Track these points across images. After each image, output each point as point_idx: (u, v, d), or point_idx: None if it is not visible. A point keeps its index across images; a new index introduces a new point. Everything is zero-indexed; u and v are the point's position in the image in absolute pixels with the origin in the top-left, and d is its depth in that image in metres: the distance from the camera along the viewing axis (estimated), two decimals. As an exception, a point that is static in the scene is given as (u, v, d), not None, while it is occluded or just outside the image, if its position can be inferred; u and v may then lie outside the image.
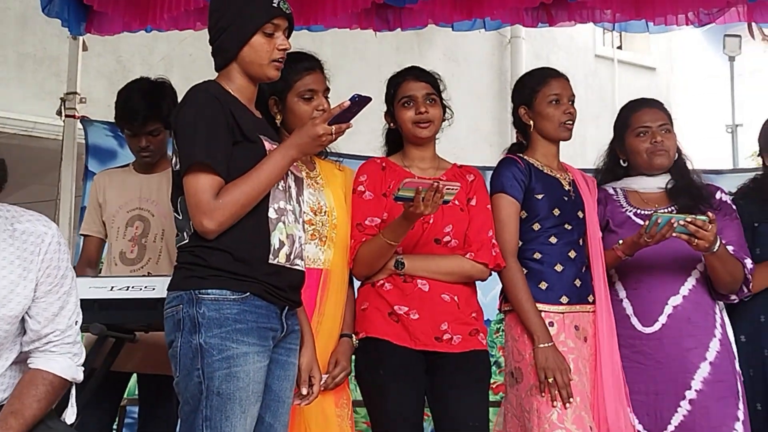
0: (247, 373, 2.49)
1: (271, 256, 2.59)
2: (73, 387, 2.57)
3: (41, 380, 2.45)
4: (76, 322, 2.55)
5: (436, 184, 2.91)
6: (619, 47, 9.10)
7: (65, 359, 2.50)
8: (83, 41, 4.97)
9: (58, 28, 5.53)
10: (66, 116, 4.94)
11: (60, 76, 6.07)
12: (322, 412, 3.03)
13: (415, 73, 3.28)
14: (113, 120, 5.09)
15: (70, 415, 2.57)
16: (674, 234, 3.18)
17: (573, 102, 3.44)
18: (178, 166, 2.60)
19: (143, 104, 3.71)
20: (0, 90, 5.95)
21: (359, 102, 2.55)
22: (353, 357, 3.16)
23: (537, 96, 3.40)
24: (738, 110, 8.85)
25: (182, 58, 6.65)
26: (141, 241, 3.76)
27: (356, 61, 6.88)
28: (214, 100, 2.59)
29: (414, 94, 3.22)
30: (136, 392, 4.07)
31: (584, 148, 5.25)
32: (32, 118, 5.97)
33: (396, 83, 3.27)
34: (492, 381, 3.53)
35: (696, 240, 3.17)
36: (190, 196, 2.52)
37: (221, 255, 2.53)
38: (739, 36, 8.36)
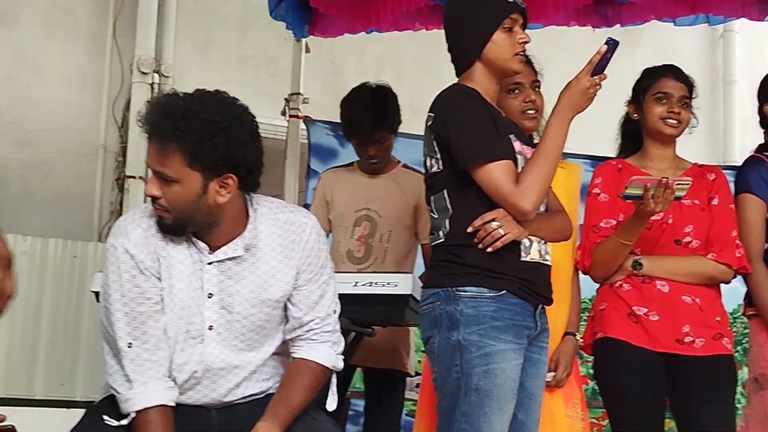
0: (504, 370, 2.52)
1: (522, 254, 2.61)
2: (334, 375, 2.65)
3: (306, 369, 2.54)
4: (335, 311, 2.62)
5: (664, 179, 2.86)
6: (842, 39, 8.64)
7: (326, 347, 2.58)
8: (306, 43, 5.15)
9: (276, 31, 5.73)
10: (290, 116, 5.13)
11: (278, 78, 6.29)
12: (549, 412, 3.02)
13: (675, 72, 3.23)
14: (332, 120, 5.28)
15: (330, 403, 2.65)
16: None
17: None
18: (435, 168, 2.65)
19: (368, 115, 3.78)
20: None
21: (612, 46, 2.58)
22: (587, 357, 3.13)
23: None
24: None
25: (394, 58, 6.75)
26: (368, 240, 3.85)
27: (563, 59, 6.79)
28: (474, 98, 2.63)
29: (670, 92, 3.17)
30: (356, 385, 4.18)
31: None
32: (252, 115, 6.10)
33: (653, 76, 3.22)
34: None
35: None
36: (492, 192, 2.56)
37: (477, 252, 2.56)
38: None
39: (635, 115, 3.25)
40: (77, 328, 5.55)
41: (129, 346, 2.44)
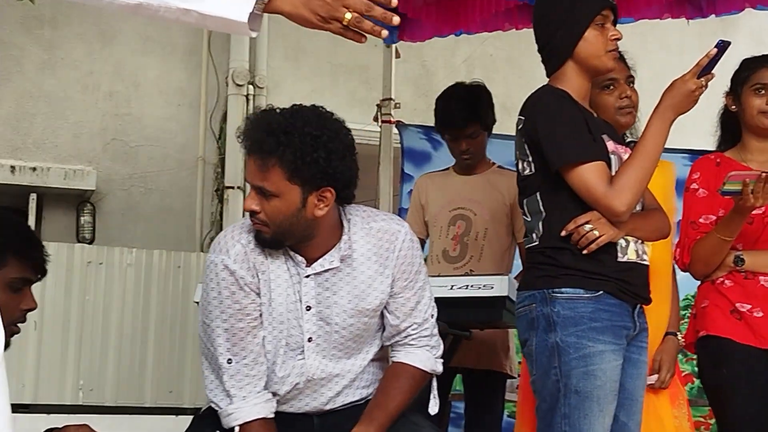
0: (604, 371, 2.50)
1: (619, 254, 2.59)
2: (434, 379, 2.66)
3: (403, 373, 2.56)
4: (432, 315, 2.63)
5: (764, 174, 2.80)
6: None
7: (424, 352, 2.60)
8: (396, 48, 5.18)
9: (367, 38, 5.76)
10: (382, 122, 5.17)
11: (370, 84, 6.35)
12: (655, 413, 2.98)
13: None
14: (424, 123, 5.30)
15: (432, 407, 2.66)
16: None
17: None
18: (527, 171, 2.65)
19: (461, 108, 3.80)
20: (316, 99, 6.25)
21: (722, 48, 2.52)
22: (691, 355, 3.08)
23: None
24: None
25: (483, 58, 6.74)
26: (463, 239, 3.85)
27: (658, 50, 6.68)
28: (565, 100, 2.62)
29: None
30: (457, 387, 4.18)
31: None
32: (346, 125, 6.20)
33: (753, 67, 3.15)
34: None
35: None
36: (584, 194, 2.54)
37: (572, 254, 2.55)
38: None
39: (733, 107, 3.19)
40: (183, 336, 5.68)
41: (229, 362, 2.49)
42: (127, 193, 6.18)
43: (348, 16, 1.77)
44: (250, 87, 6.27)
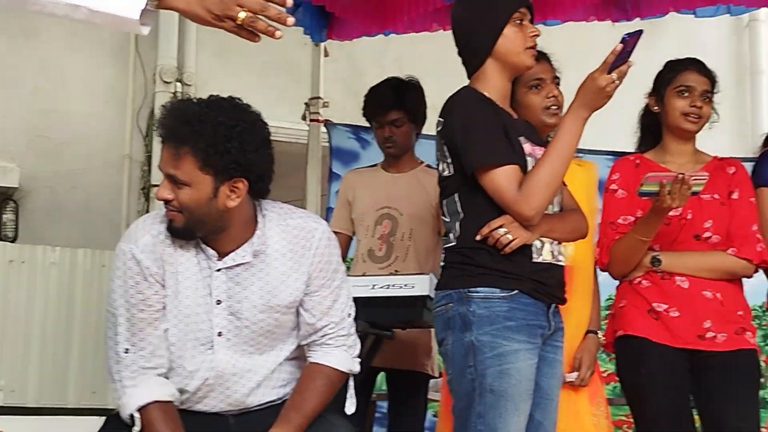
0: (519, 370, 2.51)
1: (534, 255, 2.60)
2: (351, 379, 2.65)
3: (320, 373, 2.54)
4: (349, 314, 2.63)
5: (680, 175, 2.83)
6: None
7: (341, 352, 2.58)
8: (324, 47, 5.16)
9: (296, 36, 5.72)
10: (311, 120, 5.14)
11: (299, 83, 6.30)
12: (574, 410, 3.01)
13: (699, 65, 3.19)
14: (353, 123, 5.29)
15: (349, 407, 2.65)
16: None
17: None
18: (447, 172, 2.65)
19: (388, 94, 3.85)
20: (244, 97, 6.22)
21: (631, 40, 2.50)
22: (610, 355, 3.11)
23: None
24: None
25: (414, 58, 6.73)
26: (389, 239, 3.84)
27: (586, 54, 6.74)
28: (481, 102, 2.63)
29: (693, 85, 3.13)
30: (382, 387, 4.18)
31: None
32: (274, 123, 6.19)
33: (676, 69, 3.18)
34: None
35: None
36: (496, 198, 2.55)
37: (488, 254, 2.56)
38: None
39: (656, 108, 3.22)
40: (108, 336, 5.59)
41: (126, 352, 2.47)
42: (51, 190, 6.07)
43: (242, 15, 1.76)
44: (178, 84, 6.21)
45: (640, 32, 2.50)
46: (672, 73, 3.19)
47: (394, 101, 3.82)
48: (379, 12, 4.76)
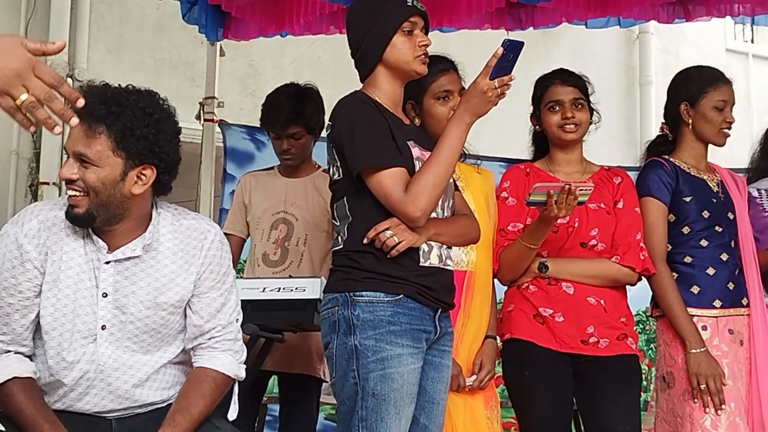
0: (402, 374, 2.52)
1: (421, 259, 2.61)
2: (236, 384, 2.63)
3: (205, 378, 2.51)
4: (237, 319, 2.61)
5: (567, 186, 2.89)
6: (752, 41, 8.84)
7: (227, 356, 2.56)
8: (220, 46, 5.11)
9: (192, 34, 5.67)
10: (205, 120, 5.09)
11: (194, 81, 6.24)
12: (471, 414, 3.03)
13: (563, 76, 3.24)
14: (248, 123, 5.25)
15: (232, 412, 2.63)
16: None
17: (732, 109, 3.35)
18: (336, 176, 2.66)
19: (287, 108, 3.79)
20: (138, 95, 6.11)
21: (512, 48, 2.50)
22: (499, 359, 3.16)
23: (704, 97, 3.32)
24: None
25: (312, 60, 6.74)
26: (284, 244, 3.83)
27: (482, 60, 6.82)
28: (368, 105, 2.64)
29: (561, 98, 3.19)
30: (274, 390, 4.16)
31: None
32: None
33: (544, 86, 3.25)
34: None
35: None
36: (382, 200, 2.56)
37: (374, 258, 2.57)
38: None
39: (537, 127, 3.29)
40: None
41: None
42: (-65, 186, 5.88)
43: (23, 97, 1.67)
44: (69, 80, 6.05)
45: (521, 44, 2.52)
46: (540, 90, 3.26)
47: (292, 115, 3.78)
48: (276, 13, 4.74)
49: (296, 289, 3.13)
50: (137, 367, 2.49)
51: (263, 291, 3.12)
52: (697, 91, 3.33)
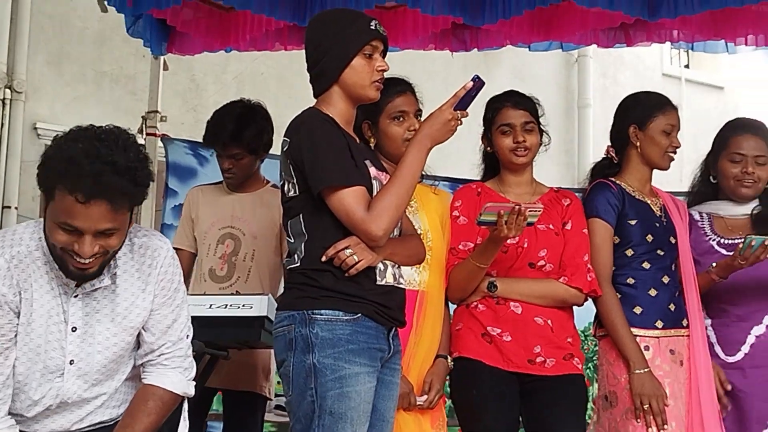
0: (359, 393, 2.52)
1: (378, 278, 2.63)
2: (185, 401, 2.61)
3: (151, 395, 2.49)
4: (187, 336, 2.60)
5: (517, 207, 2.92)
6: (687, 66, 9.05)
7: (176, 374, 2.54)
8: (164, 61, 5.07)
9: (134, 48, 5.62)
10: (147, 134, 5.03)
11: (136, 95, 6.19)
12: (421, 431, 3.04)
13: (514, 99, 3.26)
14: (189, 138, 5.21)
15: (182, 428, 2.61)
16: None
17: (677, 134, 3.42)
18: (292, 192, 2.65)
19: (229, 128, 3.77)
20: (78, 108, 6.07)
21: (477, 86, 2.60)
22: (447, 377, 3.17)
23: (653, 120, 3.38)
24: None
25: (254, 76, 6.72)
26: (231, 259, 3.81)
27: (424, 80, 6.88)
28: (328, 123, 2.64)
29: (512, 122, 3.22)
30: (214, 407, 4.12)
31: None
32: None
33: (495, 108, 3.27)
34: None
35: None
36: (344, 218, 2.56)
37: (333, 276, 2.57)
38: (812, 56, 8.28)
39: (488, 148, 3.31)
40: None
41: None
42: None
43: None
44: (8, 91, 5.97)
45: (483, 83, 2.61)
46: (491, 112, 3.28)
47: (233, 137, 3.75)
48: (222, 29, 4.72)
49: (243, 306, 3.11)
50: (98, 396, 2.47)
51: (210, 308, 3.10)
52: (646, 114, 3.39)
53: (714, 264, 3.32)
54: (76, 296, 2.41)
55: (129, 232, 2.48)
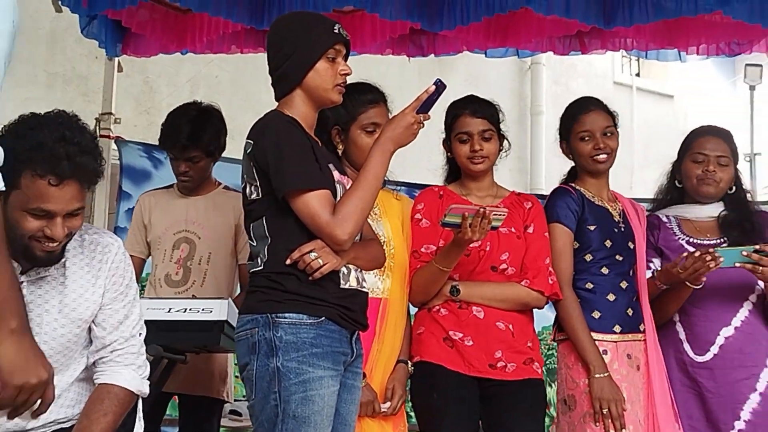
0: (322, 396, 2.51)
1: (342, 281, 2.62)
2: (140, 401, 2.60)
3: (106, 394, 2.48)
4: (140, 333, 2.60)
5: (482, 210, 2.93)
6: (638, 74, 9.17)
7: (129, 371, 2.53)
8: (118, 62, 5.01)
9: (87, 48, 5.55)
10: (101, 136, 4.97)
11: (88, 96, 6.12)
12: None
13: (472, 107, 3.26)
14: (142, 140, 5.16)
15: (138, 429, 2.59)
16: (738, 264, 3.21)
17: (609, 132, 3.42)
18: (254, 195, 2.63)
19: (186, 131, 3.74)
20: (30, 109, 5.94)
21: (438, 90, 2.61)
22: (408, 381, 3.17)
23: (571, 133, 3.44)
24: (756, 139, 8.89)
25: (208, 79, 6.68)
26: (186, 263, 3.77)
27: (379, 85, 6.90)
28: (293, 126, 2.63)
29: (470, 130, 3.22)
30: (168, 412, 4.08)
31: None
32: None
33: (454, 115, 3.27)
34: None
35: (761, 268, 3.19)
36: (309, 221, 2.55)
37: (297, 280, 2.56)
38: (761, 65, 8.43)
39: (449, 154, 3.32)
40: None
41: None
42: None
43: None
44: (-45, 92, 5.86)
45: (445, 87, 2.62)
46: (450, 118, 3.29)
47: (191, 140, 3.73)
48: (178, 31, 4.69)
49: (203, 310, 3.08)
50: None
51: (169, 311, 3.07)
52: (565, 128, 3.48)
53: (655, 271, 3.39)
54: (21, 283, 2.37)
55: (80, 229, 2.50)
